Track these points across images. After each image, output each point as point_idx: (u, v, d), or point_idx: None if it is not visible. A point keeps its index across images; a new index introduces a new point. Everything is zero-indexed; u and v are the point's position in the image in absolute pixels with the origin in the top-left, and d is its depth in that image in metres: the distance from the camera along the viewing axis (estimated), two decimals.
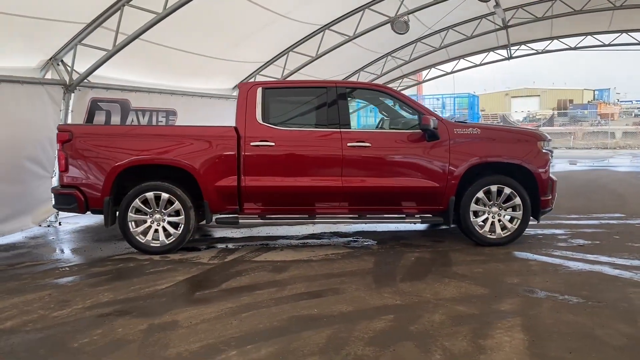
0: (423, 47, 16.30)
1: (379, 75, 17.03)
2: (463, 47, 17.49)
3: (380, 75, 17.01)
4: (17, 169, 7.03)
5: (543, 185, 6.23)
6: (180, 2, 7.06)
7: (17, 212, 7.07)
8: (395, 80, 19.12)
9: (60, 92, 7.70)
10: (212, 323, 3.98)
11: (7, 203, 6.88)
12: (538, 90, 67.91)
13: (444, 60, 18.64)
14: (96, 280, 5.14)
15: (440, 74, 19.78)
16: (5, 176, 6.85)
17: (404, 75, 19.06)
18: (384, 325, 3.89)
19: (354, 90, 6.42)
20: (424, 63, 18.29)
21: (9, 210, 6.93)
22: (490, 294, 4.56)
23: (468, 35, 15.94)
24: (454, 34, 16.01)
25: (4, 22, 6.45)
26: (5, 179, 6.84)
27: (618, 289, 4.60)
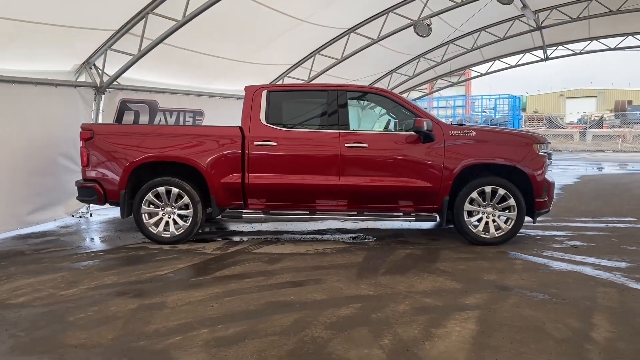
0: (455, 49, 16.35)
1: (411, 77, 17.20)
2: (498, 49, 17.40)
3: (412, 76, 17.17)
4: (50, 164, 7.70)
5: (538, 187, 6.35)
6: (196, 11, 7.56)
7: (51, 203, 7.75)
8: (429, 82, 19.20)
9: (92, 93, 8.36)
10: (195, 305, 4.41)
11: (41, 194, 7.56)
12: (595, 90, 65.57)
13: (479, 61, 18.57)
14: (106, 265, 5.68)
15: (476, 75, 19.68)
16: (40, 170, 7.52)
17: (437, 77, 19.11)
18: (348, 313, 4.20)
19: (353, 93, 6.71)
20: (458, 64, 18.28)
21: (43, 201, 7.61)
22: (462, 288, 4.79)
23: (501, 36, 15.88)
24: (487, 36, 16.00)
25: (41, 31, 7.09)
26: (40, 172, 7.51)
27: (588, 288, 4.73)
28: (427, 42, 14.73)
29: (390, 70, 16.72)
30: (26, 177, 7.28)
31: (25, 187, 7.27)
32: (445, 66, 17.99)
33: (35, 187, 7.40)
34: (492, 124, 25.32)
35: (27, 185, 7.29)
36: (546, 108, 54.49)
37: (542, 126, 37.09)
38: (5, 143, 6.98)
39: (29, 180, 7.33)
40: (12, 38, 6.96)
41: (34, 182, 7.39)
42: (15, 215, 7.20)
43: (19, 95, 7.22)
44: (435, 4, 11.49)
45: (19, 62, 7.52)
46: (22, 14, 6.65)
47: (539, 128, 35.77)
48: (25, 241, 6.88)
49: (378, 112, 6.95)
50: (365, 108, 6.89)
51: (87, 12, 7.47)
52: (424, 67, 17.07)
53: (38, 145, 7.44)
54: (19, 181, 7.17)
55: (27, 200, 7.33)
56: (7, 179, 7.02)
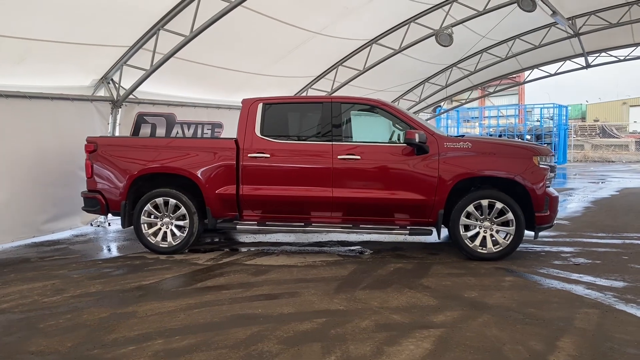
0: (489, 57, 16.00)
1: (444, 87, 16.92)
2: (535, 57, 16.90)
3: (445, 86, 16.90)
4: (67, 175, 8.02)
5: (538, 200, 6.10)
6: (203, 26, 7.75)
7: (67, 213, 8.08)
8: (465, 91, 18.85)
9: (108, 107, 8.69)
10: (163, 316, 4.48)
11: (58, 205, 7.89)
12: None
13: (516, 70, 18.07)
14: (99, 273, 5.85)
15: (512, 85, 19.16)
16: (57, 181, 7.85)
17: (473, 86, 18.71)
18: (309, 327, 4.16)
19: (347, 105, 6.66)
20: (494, 73, 17.85)
21: (59, 211, 7.94)
22: (436, 305, 4.65)
23: (536, 44, 15.41)
24: (522, 44, 15.58)
25: (61, 49, 7.47)
26: (56, 184, 7.84)
27: (570, 309, 4.49)
28: (457, 52, 14.55)
29: (422, 80, 16.53)
30: (42, 188, 7.61)
31: (41, 197, 7.60)
32: (481, 75, 17.61)
33: (51, 198, 7.72)
34: (535, 134, 24.52)
35: (43, 196, 7.61)
36: (607, 117, 52.25)
37: (595, 136, 35.59)
38: (21, 156, 7.34)
39: (45, 191, 7.66)
40: (33, 55, 7.32)
41: (50, 193, 7.71)
42: (31, 225, 7.55)
43: (36, 110, 7.57)
44: (458, 13, 11.31)
45: (40, 78, 7.91)
46: (41, 34, 7.05)
47: (591, 138, 34.36)
48: (36, 249, 7.20)
49: (379, 123, 6.86)
50: (366, 119, 6.82)
51: (102, 30, 7.79)
52: (457, 77, 16.75)
53: (54, 157, 7.77)
54: (34, 192, 7.50)
55: (43, 210, 7.67)
56: (23, 190, 7.36)
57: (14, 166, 7.33)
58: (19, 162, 7.33)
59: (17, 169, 7.35)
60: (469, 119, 28.84)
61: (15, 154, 7.32)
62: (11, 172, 7.28)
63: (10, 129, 7.28)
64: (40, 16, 6.84)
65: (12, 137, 7.29)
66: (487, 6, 10.97)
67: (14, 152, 7.32)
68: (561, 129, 24.32)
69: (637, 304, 4.59)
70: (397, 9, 11.20)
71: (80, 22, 7.32)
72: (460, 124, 27.96)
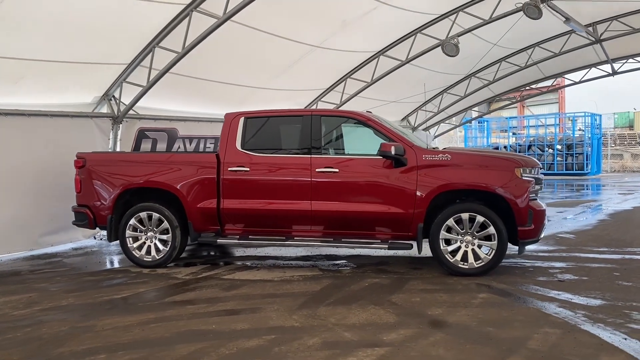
0: (508, 66, 15.67)
1: (462, 97, 16.64)
2: (558, 65, 16.45)
3: (463, 96, 16.62)
4: (67, 190, 8.18)
5: (520, 214, 5.89)
6: (193, 42, 7.88)
7: (67, 227, 8.26)
8: (485, 101, 18.50)
9: (109, 123, 8.91)
10: (118, 330, 4.51)
11: (58, 219, 8.08)
12: None
13: (539, 78, 17.60)
14: (77, 287, 5.96)
15: (536, 93, 18.66)
16: (58, 196, 8.06)
17: (495, 96, 18.33)
18: (254, 345, 4.11)
19: (328, 118, 6.61)
20: (516, 82, 17.44)
21: (59, 224, 8.12)
22: (394, 323, 4.53)
23: (556, 52, 15.00)
24: (542, 52, 15.19)
25: (65, 68, 7.79)
26: (57, 198, 8.05)
27: (531, 328, 4.29)
28: (474, 61, 14.32)
29: (441, 90, 16.32)
30: (42, 202, 7.84)
31: (40, 211, 7.82)
32: (503, 84, 17.24)
33: (50, 212, 7.92)
34: (566, 144, 23.78)
35: (42, 210, 7.84)
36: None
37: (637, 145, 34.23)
38: (20, 171, 7.60)
39: (45, 206, 7.88)
40: (37, 75, 7.66)
41: (50, 207, 7.92)
42: (28, 238, 7.79)
43: (35, 127, 7.84)
44: (466, 23, 11.13)
45: (45, 96, 8.23)
46: (43, 55, 7.40)
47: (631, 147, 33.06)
48: (31, 262, 7.40)
49: (360, 136, 6.78)
50: (347, 132, 6.76)
51: (102, 49, 8.04)
52: (477, 86, 16.45)
53: (54, 173, 7.98)
54: (34, 206, 7.75)
55: (42, 224, 7.90)
56: (22, 204, 7.61)
57: (13, 181, 7.59)
58: (17, 177, 7.58)
59: (15, 184, 7.61)
60: (506, 129, 28.11)
61: (15, 170, 7.59)
62: (10, 186, 7.55)
63: (9, 146, 7.56)
64: (41, 37, 7.13)
65: (11, 153, 7.57)
66: (493, 15, 10.74)
67: (14, 168, 7.59)
68: (594, 138, 23.50)
69: (605, 324, 4.35)
70: (403, 21, 11.10)
71: (80, 42, 7.58)
72: (491, 135, 27.37)
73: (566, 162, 23.89)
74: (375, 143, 6.25)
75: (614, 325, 4.31)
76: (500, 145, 25.92)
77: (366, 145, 6.49)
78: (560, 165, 23.98)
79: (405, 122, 17.47)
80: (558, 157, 24.19)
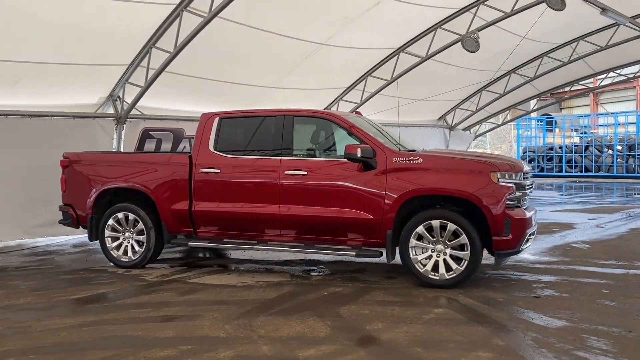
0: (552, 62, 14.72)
1: (501, 95, 15.80)
2: (608, 59, 15.21)
3: (502, 94, 15.77)
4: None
5: (495, 222, 5.42)
6: (184, 42, 7.83)
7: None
8: (531, 99, 17.53)
9: (112, 123, 9.06)
10: (48, 332, 4.49)
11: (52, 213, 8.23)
12: None
13: (589, 74, 16.40)
14: (46, 284, 6.05)
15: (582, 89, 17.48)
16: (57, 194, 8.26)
17: (540, 94, 17.28)
18: (165, 355, 3.97)
19: (300, 118, 6.35)
20: (562, 78, 16.34)
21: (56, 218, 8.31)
22: (323, 337, 4.24)
23: (602, 45, 13.93)
24: (588, 45, 14.15)
25: (68, 70, 7.98)
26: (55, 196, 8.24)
27: (461, 352, 3.89)
28: (505, 57, 13.52)
29: (479, 88, 15.58)
30: (41, 198, 8.06)
31: (37, 206, 8.03)
32: (547, 82, 16.22)
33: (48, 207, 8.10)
34: (627, 144, 22.12)
35: (39, 205, 8.05)
36: None
37: None
38: (21, 170, 7.86)
39: (43, 201, 8.09)
40: (44, 77, 7.92)
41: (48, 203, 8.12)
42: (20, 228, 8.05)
43: (36, 128, 8.09)
44: (488, 16, 10.50)
45: (53, 97, 8.49)
46: (50, 57, 7.66)
47: None
48: (27, 258, 7.64)
49: (333, 137, 6.46)
50: (320, 133, 6.47)
51: (104, 50, 8.18)
52: (517, 83, 15.55)
53: (54, 171, 8.17)
54: (31, 202, 7.98)
55: (37, 217, 8.10)
56: (19, 199, 7.88)
57: (15, 178, 7.86)
58: (15, 175, 7.82)
59: (15, 181, 7.88)
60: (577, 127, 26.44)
61: (16, 168, 7.85)
62: (11, 183, 7.83)
63: (10, 146, 7.83)
64: (44, 40, 7.35)
65: (13, 153, 7.85)
66: (515, 7, 10.06)
67: (16, 166, 7.86)
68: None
69: (549, 349, 3.87)
70: (422, 16, 10.63)
71: (82, 44, 7.73)
72: (546, 134, 25.95)
73: (627, 164, 22.23)
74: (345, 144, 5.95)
75: (559, 351, 3.83)
76: (556, 145, 24.50)
77: (341, 146, 6.20)
78: (620, 167, 22.33)
79: (442, 122, 16.84)
80: (618, 159, 22.55)
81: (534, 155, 24.69)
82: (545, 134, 25.93)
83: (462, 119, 16.79)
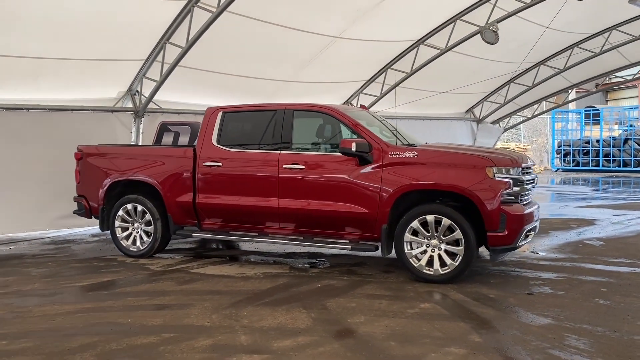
0: (580, 52, 14.28)
1: (530, 87, 15.42)
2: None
3: (531, 86, 15.39)
4: None
5: (490, 218, 5.35)
6: (194, 37, 7.98)
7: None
8: (562, 91, 17.02)
9: (130, 117, 9.32)
10: (45, 317, 4.71)
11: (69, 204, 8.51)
12: None
13: (624, 65, 15.81)
14: (56, 272, 6.32)
15: (619, 81, 16.83)
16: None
17: (573, 85, 16.77)
18: (147, 342, 4.11)
19: (299, 112, 6.39)
20: (595, 69, 15.81)
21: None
22: (302, 329, 4.31)
23: (636, 35, 13.42)
24: (622, 36, 13.66)
25: (87, 66, 8.25)
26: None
27: (433, 348, 3.88)
28: (530, 48, 13.19)
29: (507, 81, 15.26)
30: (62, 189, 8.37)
31: (58, 197, 8.34)
32: (579, 74, 15.73)
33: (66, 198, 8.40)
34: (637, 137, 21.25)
35: (59, 196, 8.35)
36: None
37: None
38: (42, 162, 8.16)
39: (64, 192, 8.40)
40: (64, 72, 8.22)
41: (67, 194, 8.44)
42: (43, 219, 8.36)
43: (56, 121, 8.39)
44: (508, 6, 10.27)
45: (73, 92, 8.78)
46: (69, 53, 7.91)
47: None
48: (45, 246, 7.97)
49: (332, 131, 6.46)
50: (319, 127, 6.49)
51: (121, 46, 8.41)
52: (547, 75, 15.14)
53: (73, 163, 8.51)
54: (52, 192, 8.29)
55: (58, 208, 8.40)
56: (41, 189, 8.19)
57: (36, 171, 8.18)
58: (39, 167, 8.13)
59: (37, 174, 8.20)
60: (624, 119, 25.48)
61: (37, 160, 8.16)
62: (33, 175, 8.15)
63: (33, 139, 8.16)
64: (66, 37, 7.62)
65: (34, 145, 8.17)
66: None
67: (36, 158, 8.17)
68: None
69: (523, 346, 3.82)
70: (441, 7, 10.50)
71: (100, 40, 7.98)
72: (584, 127, 25.15)
73: None
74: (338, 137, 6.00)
75: (533, 349, 3.78)
76: (592, 138, 23.68)
77: (336, 140, 6.22)
78: None
79: (470, 114, 16.57)
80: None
81: (569, 149, 23.99)
82: (583, 126, 25.14)
83: (490, 112, 16.48)
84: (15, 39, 7.41)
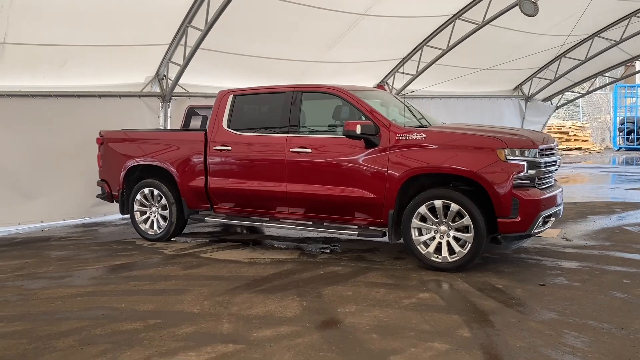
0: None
1: (583, 61, 14.50)
2: None
3: (583, 60, 14.47)
4: None
5: (500, 203, 5.02)
6: (212, 19, 7.93)
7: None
8: (619, 65, 15.89)
9: (158, 102, 9.41)
10: (48, 300, 4.81)
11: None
12: None
13: None
14: (74, 254, 6.48)
15: None
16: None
17: (632, 58, 15.60)
18: (131, 328, 4.11)
19: (308, 94, 6.19)
20: None
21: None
22: (289, 318, 4.19)
23: None
24: None
25: (114, 52, 8.39)
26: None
27: (415, 341, 3.66)
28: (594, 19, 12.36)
29: (557, 55, 14.41)
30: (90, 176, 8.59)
31: (88, 184, 8.56)
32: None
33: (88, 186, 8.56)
34: None
35: (90, 183, 8.58)
36: None
37: None
38: (64, 148, 8.34)
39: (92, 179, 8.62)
40: (86, 59, 8.33)
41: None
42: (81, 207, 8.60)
43: (84, 108, 8.56)
44: None
45: (102, 78, 8.95)
46: (93, 40, 8.05)
47: None
48: (73, 229, 8.21)
49: (348, 113, 6.22)
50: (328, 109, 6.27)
51: (146, 32, 8.48)
52: (601, 48, 14.16)
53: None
54: (83, 180, 8.50)
55: (90, 196, 8.65)
56: (73, 177, 8.41)
57: (66, 157, 8.39)
58: (58, 154, 8.32)
59: (67, 160, 8.40)
60: None
61: (69, 146, 8.35)
62: (62, 162, 8.36)
63: (59, 125, 8.37)
64: (90, 24, 7.76)
65: (65, 132, 8.38)
66: None
67: (69, 145, 8.35)
68: None
69: (515, 347, 3.53)
70: None
71: (125, 27, 8.08)
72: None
73: None
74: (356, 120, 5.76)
75: (523, 348, 3.49)
76: (637, 117, 22.06)
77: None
78: None
79: (518, 92, 15.80)
80: None
81: (632, 127, 22.50)
82: None
83: (539, 89, 15.63)
84: (41, 28, 7.57)
